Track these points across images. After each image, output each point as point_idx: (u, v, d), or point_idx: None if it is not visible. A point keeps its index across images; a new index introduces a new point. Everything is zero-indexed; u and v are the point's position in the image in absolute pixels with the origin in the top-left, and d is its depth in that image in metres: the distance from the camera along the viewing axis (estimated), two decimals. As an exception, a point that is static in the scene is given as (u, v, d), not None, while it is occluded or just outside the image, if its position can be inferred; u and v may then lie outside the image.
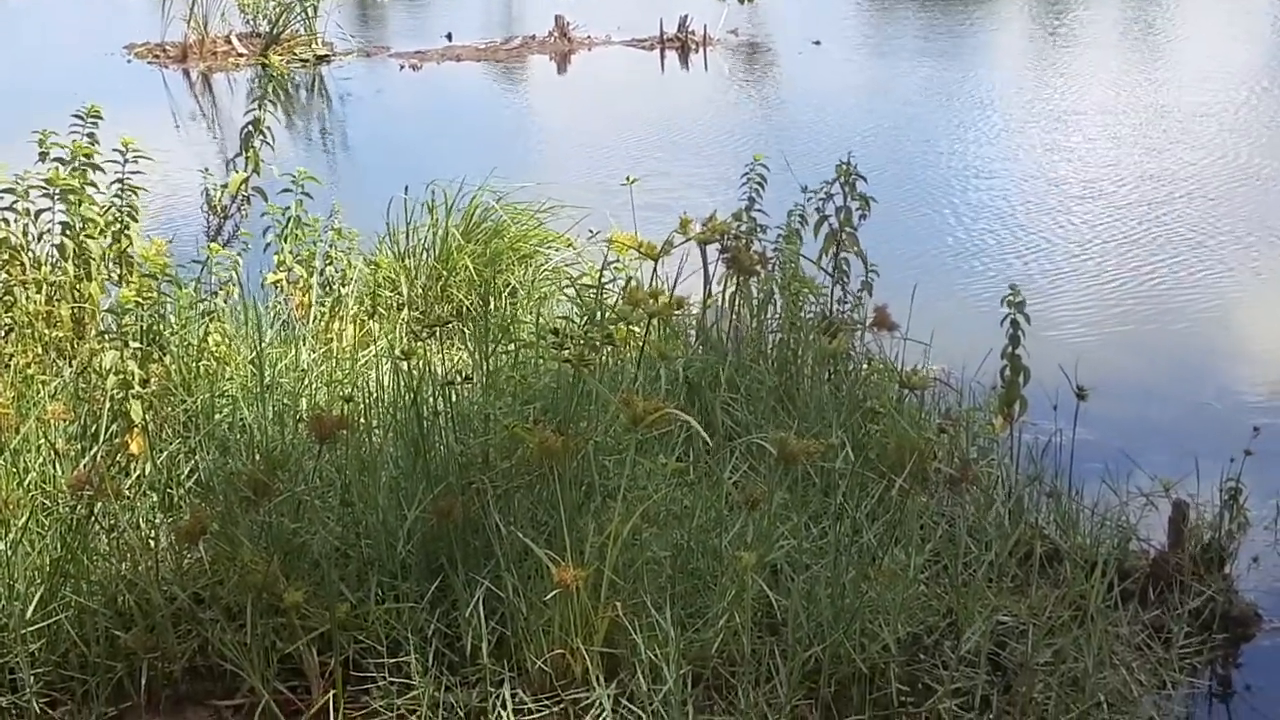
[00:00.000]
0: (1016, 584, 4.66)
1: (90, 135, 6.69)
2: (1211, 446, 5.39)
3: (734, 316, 6.12)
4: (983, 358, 6.09)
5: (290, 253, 7.08)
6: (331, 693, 4.16)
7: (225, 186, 8.53)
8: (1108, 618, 4.41)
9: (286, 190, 7.27)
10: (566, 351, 4.87)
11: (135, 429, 5.13)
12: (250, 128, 7.90)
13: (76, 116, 6.75)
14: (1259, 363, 7.50)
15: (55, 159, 6.60)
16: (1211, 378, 7.23)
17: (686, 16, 20.29)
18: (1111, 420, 6.33)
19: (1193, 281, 8.73)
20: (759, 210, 6.60)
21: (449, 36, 20.86)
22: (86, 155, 6.56)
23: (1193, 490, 5.22)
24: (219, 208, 8.66)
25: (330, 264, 7.26)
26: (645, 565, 4.33)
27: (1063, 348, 7.26)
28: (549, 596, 4.07)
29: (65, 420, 5.23)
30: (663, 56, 19.76)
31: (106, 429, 5.17)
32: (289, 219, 7.14)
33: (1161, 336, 7.88)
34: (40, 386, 5.77)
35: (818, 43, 19.93)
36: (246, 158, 7.93)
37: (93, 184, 6.58)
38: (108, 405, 5.18)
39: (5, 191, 6.57)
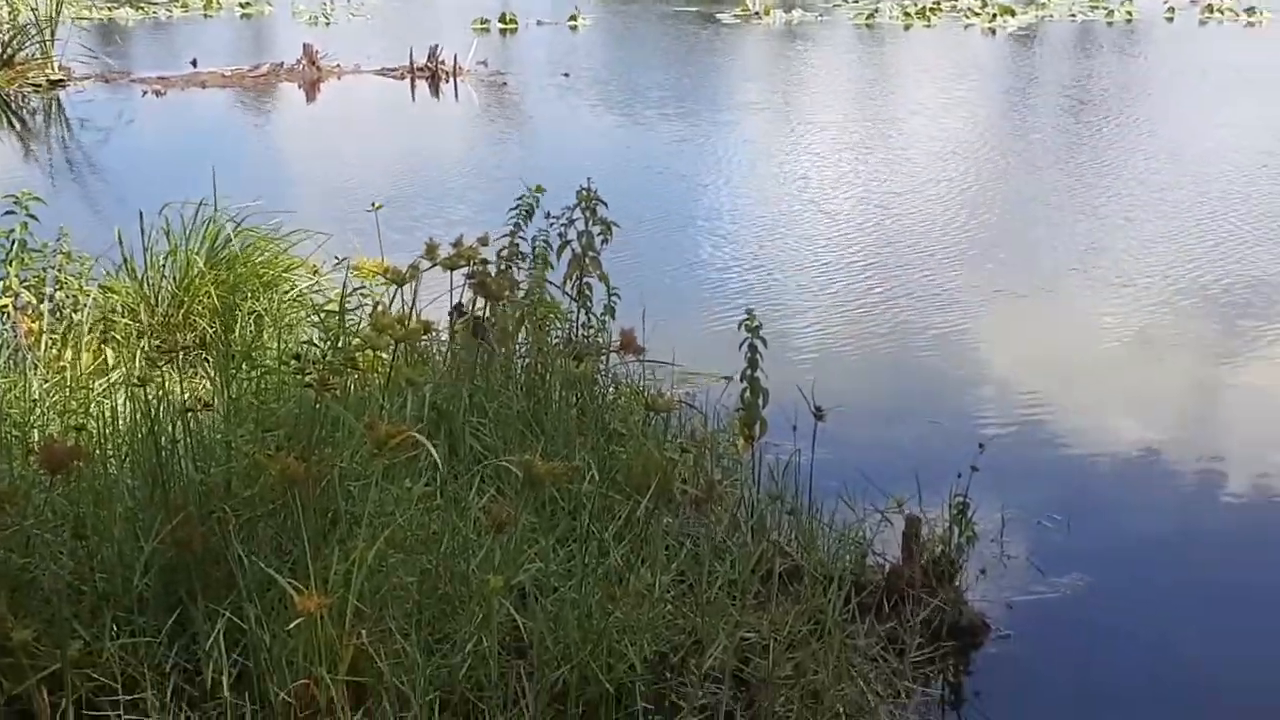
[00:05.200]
0: (759, 600, 4.76)
1: None
2: (943, 463, 5.59)
3: (482, 342, 6.12)
4: (728, 380, 6.21)
5: (17, 277, 6.82)
6: (63, 733, 4.00)
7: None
8: (845, 630, 4.55)
9: (10, 213, 7.02)
10: (309, 376, 4.80)
11: None
12: (-40, 148, 7.58)
13: None
14: (986, 382, 7.82)
15: None
16: (942, 397, 7.51)
17: (437, 46, 20.28)
18: (850, 439, 6.53)
19: (924, 307, 9.06)
20: (504, 236, 6.62)
21: (194, 62, 20.41)
22: None
23: (926, 506, 5.42)
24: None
25: (61, 289, 7.02)
26: (391, 592, 4.29)
27: (803, 369, 7.48)
28: (292, 626, 4.00)
29: None
30: (413, 86, 19.69)
31: None
32: (13, 242, 6.88)
33: (895, 359, 8.16)
34: None
35: (566, 75, 20.14)
36: (-41, 178, 7.60)
37: None
38: None
39: None
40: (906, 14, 27.01)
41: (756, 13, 27.50)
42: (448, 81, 19.83)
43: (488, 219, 6.63)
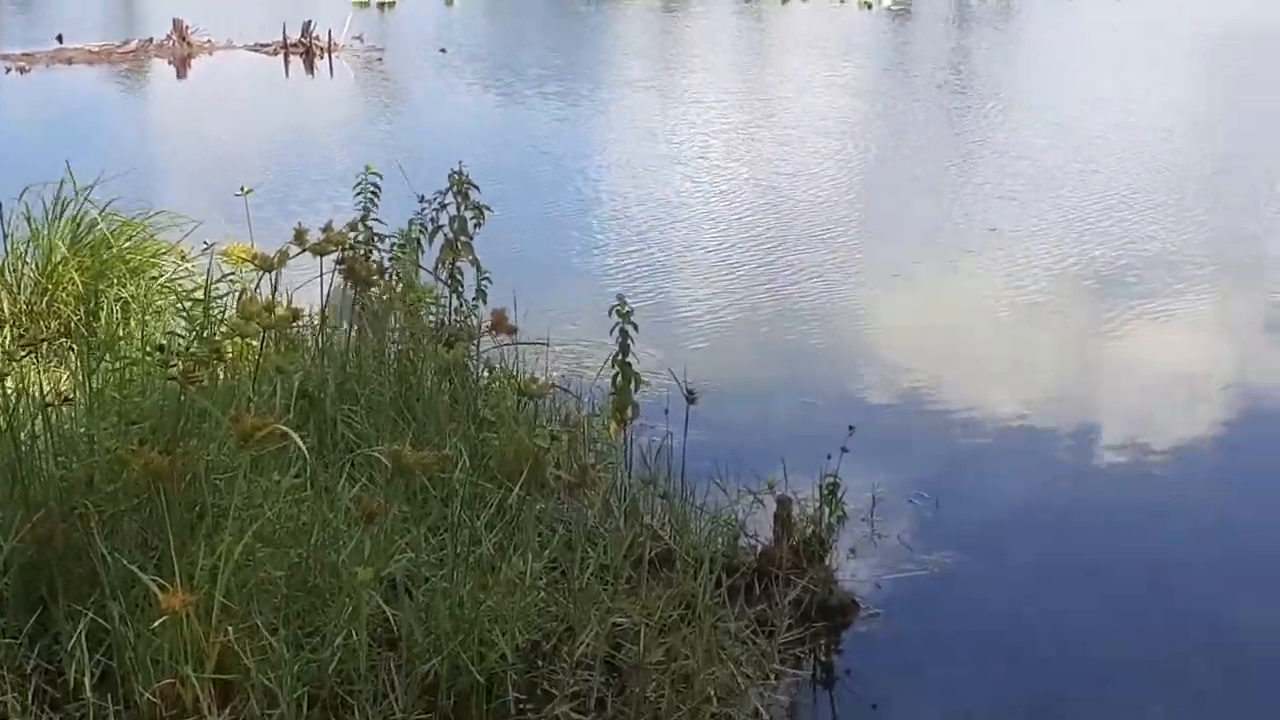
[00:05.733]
0: (631, 586, 4.78)
1: None
2: (816, 443, 5.63)
3: (353, 328, 6.07)
4: (603, 363, 6.21)
5: None
6: (-81, 739, 3.92)
7: None
8: (715, 614, 4.58)
9: None
10: (174, 368, 4.71)
11: None
12: None
13: None
14: (864, 361, 7.90)
15: None
16: (819, 377, 7.56)
17: (310, 22, 20.01)
18: (725, 421, 6.57)
19: (809, 287, 9.12)
20: (375, 219, 6.56)
21: (59, 38, 19.93)
22: None
23: (798, 486, 5.47)
24: None
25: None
26: (259, 587, 4.24)
27: (683, 351, 7.51)
28: (157, 624, 3.94)
29: None
30: (287, 62, 19.42)
31: None
32: None
33: (775, 339, 8.23)
34: None
35: (443, 50, 19.96)
36: None
37: None
38: None
39: None
40: (783, -12, 27.17)
41: (635, -13, 27.51)
42: (322, 57, 19.59)
43: (363, 201, 6.54)
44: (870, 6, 25.35)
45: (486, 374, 6.27)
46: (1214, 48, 19.39)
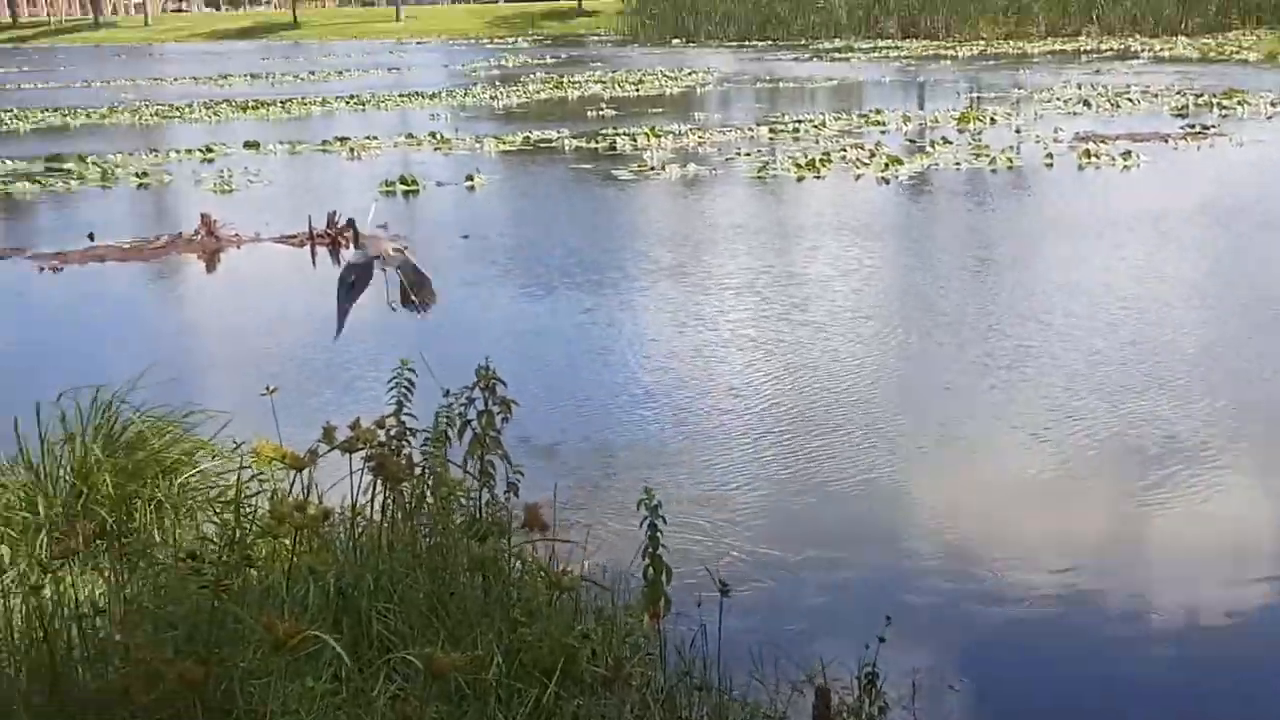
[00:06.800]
0: (673, 785, 4.71)
1: None
2: (856, 629, 5.59)
3: (385, 524, 6.10)
4: (634, 554, 6.19)
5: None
6: None
7: None
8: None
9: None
10: (206, 575, 4.74)
11: None
12: None
13: None
14: (898, 544, 7.75)
15: None
16: (852, 558, 7.44)
17: (335, 212, 20.37)
18: (763, 609, 6.52)
19: (837, 474, 8.94)
20: (408, 414, 6.62)
21: (91, 236, 20.33)
22: None
23: (838, 675, 5.41)
24: None
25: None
26: (296, 796, 4.20)
27: (716, 538, 7.44)
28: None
29: None
30: (313, 253, 19.72)
31: None
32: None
33: (808, 525, 8.08)
34: None
35: (466, 236, 20.29)
36: None
37: None
38: None
39: None
40: (798, 165, 27.57)
41: (653, 168, 27.98)
42: (347, 247, 19.87)
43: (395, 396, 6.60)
44: (887, 181, 25.70)
45: (520, 565, 6.27)
46: (1242, 222, 19.39)
